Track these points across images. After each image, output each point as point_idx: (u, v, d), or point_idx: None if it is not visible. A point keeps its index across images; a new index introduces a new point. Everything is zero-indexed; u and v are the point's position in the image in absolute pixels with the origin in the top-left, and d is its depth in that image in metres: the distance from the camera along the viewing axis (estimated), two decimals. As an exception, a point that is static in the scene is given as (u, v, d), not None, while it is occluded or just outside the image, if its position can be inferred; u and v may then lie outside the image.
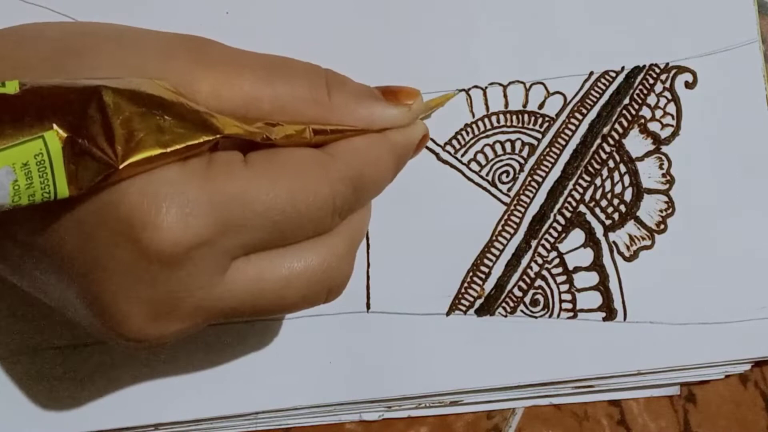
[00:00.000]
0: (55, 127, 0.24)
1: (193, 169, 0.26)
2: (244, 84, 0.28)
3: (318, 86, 0.29)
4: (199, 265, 0.26)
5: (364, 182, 0.29)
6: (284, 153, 0.28)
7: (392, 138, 0.31)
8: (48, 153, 0.23)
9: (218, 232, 0.26)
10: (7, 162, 0.23)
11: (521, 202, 0.38)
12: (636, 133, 0.39)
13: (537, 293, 0.38)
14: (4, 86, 0.24)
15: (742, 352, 0.38)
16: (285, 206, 0.27)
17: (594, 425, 0.40)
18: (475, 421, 0.40)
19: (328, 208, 0.28)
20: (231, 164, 0.27)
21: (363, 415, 0.39)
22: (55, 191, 0.24)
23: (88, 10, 0.37)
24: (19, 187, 0.23)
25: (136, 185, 0.25)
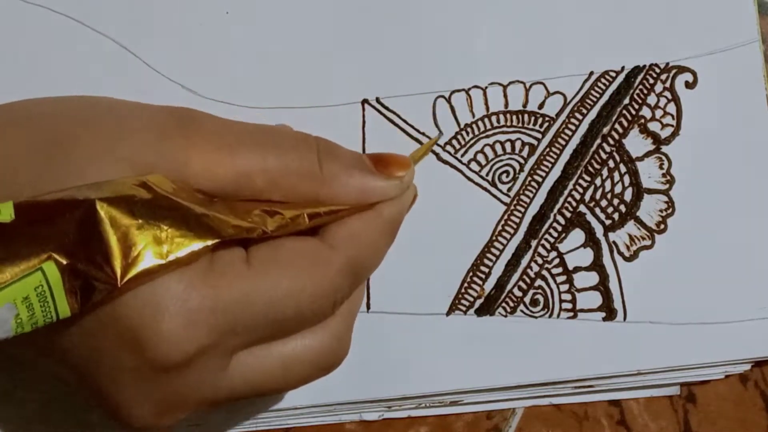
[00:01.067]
0: (53, 255, 0.24)
1: (193, 275, 0.26)
2: (236, 161, 0.28)
3: (309, 158, 0.29)
4: (202, 368, 0.27)
5: (363, 268, 0.30)
6: (286, 248, 0.28)
7: (386, 214, 0.31)
8: (48, 283, 0.24)
9: (221, 337, 0.26)
10: (8, 299, 0.23)
11: (521, 202, 0.38)
12: (636, 133, 0.39)
13: (537, 293, 0.38)
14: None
15: (742, 352, 0.38)
16: (287, 306, 0.27)
17: (594, 425, 0.40)
18: (475, 421, 0.40)
19: (330, 301, 0.28)
20: (233, 265, 0.27)
21: (363, 415, 0.39)
22: (57, 314, 0.24)
23: (88, 10, 0.37)
24: (21, 319, 0.24)
25: (138, 297, 0.25)
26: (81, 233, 0.24)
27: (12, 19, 0.37)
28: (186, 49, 0.37)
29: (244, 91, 0.38)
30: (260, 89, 0.38)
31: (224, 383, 0.28)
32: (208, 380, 0.27)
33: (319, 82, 0.38)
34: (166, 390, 0.27)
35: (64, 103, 0.29)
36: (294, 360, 0.29)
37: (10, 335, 0.24)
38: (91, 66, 0.37)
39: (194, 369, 0.26)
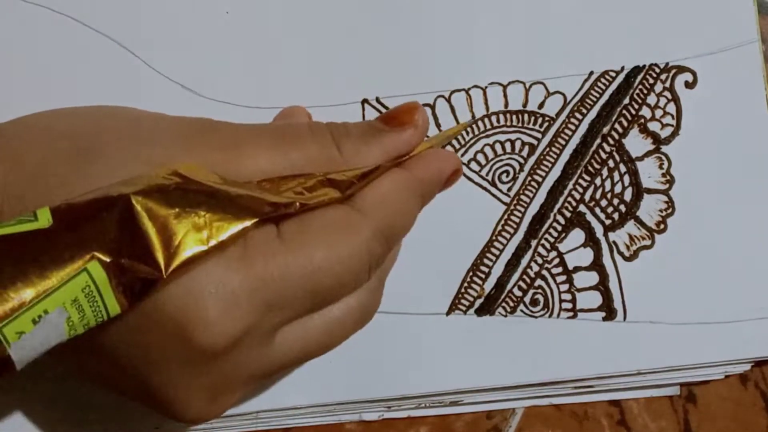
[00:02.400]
0: (95, 254, 0.24)
1: (230, 257, 0.26)
2: (259, 160, 0.28)
3: (326, 144, 0.30)
4: (247, 348, 0.27)
5: (395, 231, 0.30)
6: (316, 219, 0.28)
7: (418, 174, 0.31)
8: (94, 283, 0.24)
9: (263, 314, 0.27)
10: (58, 303, 0.23)
11: (521, 201, 0.38)
12: (636, 133, 0.39)
13: (537, 293, 0.38)
14: (36, 219, 0.24)
15: (742, 352, 0.38)
16: (324, 277, 0.28)
17: (594, 425, 0.40)
18: (475, 421, 0.40)
19: (365, 267, 0.29)
20: (266, 244, 0.27)
21: (363, 415, 0.39)
22: (108, 312, 0.24)
23: (88, 10, 0.37)
24: (73, 322, 0.24)
25: (180, 286, 0.25)
26: (120, 229, 0.24)
27: (12, 19, 0.37)
28: (186, 49, 0.37)
29: (244, 91, 0.38)
30: (260, 89, 0.38)
31: (271, 357, 0.28)
32: (255, 358, 0.27)
33: (319, 82, 0.38)
34: (216, 375, 0.27)
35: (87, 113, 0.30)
36: (334, 322, 0.29)
37: (64, 339, 0.24)
38: (91, 66, 0.37)
39: (241, 350, 0.27)
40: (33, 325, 0.23)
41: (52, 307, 0.23)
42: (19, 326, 0.23)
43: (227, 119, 0.30)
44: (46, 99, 0.37)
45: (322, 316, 0.29)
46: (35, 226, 0.23)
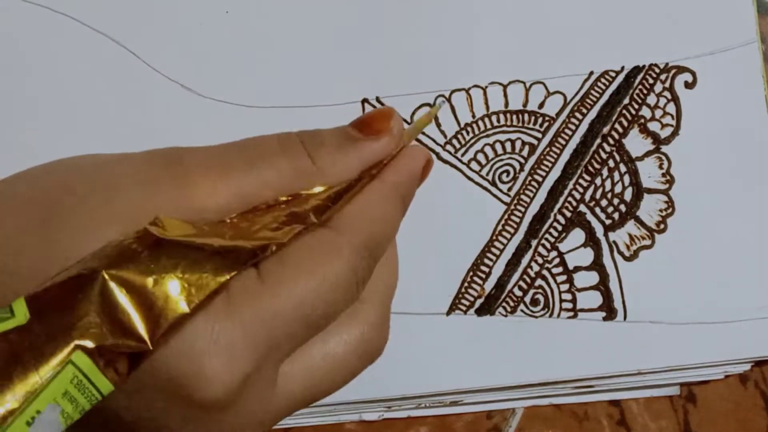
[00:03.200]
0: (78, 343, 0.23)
1: (216, 311, 0.26)
2: (231, 183, 0.28)
3: (298, 155, 0.29)
4: (251, 394, 0.27)
5: (376, 240, 0.29)
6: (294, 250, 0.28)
7: (390, 179, 0.30)
8: (82, 372, 0.23)
9: (260, 357, 0.26)
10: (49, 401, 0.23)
11: (521, 201, 0.38)
12: (636, 133, 0.39)
13: (537, 293, 0.38)
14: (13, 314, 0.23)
15: (742, 352, 0.38)
16: (312, 303, 0.27)
17: (594, 425, 0.40)
18: (475, 421, 0.40)
19: (351, 284, 0.28)
20: (249, 289, 0.26)
21: (363, 415, 0.39)
22: (101, 393, 0.24)
23: (88, 10, 0.37)
24: (67, 413, 0.24)
25: (172, 349, 0.25)
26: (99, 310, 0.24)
27: (12, 19, 0.37)
28: (186, 49, 0.37)
29: (244, 91, 0.38)
30: (260, 89, 0.38)
31: (277, 401, 0.28)
32: (261, 404, 0.27)
33: (319, 82, 0.38)
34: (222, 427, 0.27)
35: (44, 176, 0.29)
36: (337, 359, 0.29)
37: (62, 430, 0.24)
38: (91, 66, 0.37)
39: (244, 398, 0.26)
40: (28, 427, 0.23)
41: (44, 405, 0.23)
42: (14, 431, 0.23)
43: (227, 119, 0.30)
44: (46, 99, 0.37)
45: (322, 351, 0.29)
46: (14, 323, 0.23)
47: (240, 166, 0.28)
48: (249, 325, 0.26)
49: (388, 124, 0.30)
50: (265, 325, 0.26)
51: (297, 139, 0.29)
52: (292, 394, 0.28)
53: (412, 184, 0.32)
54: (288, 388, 0.28)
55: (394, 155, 0.31)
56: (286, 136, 0.30)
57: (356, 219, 0.29)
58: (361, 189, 0.29)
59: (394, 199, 0.30)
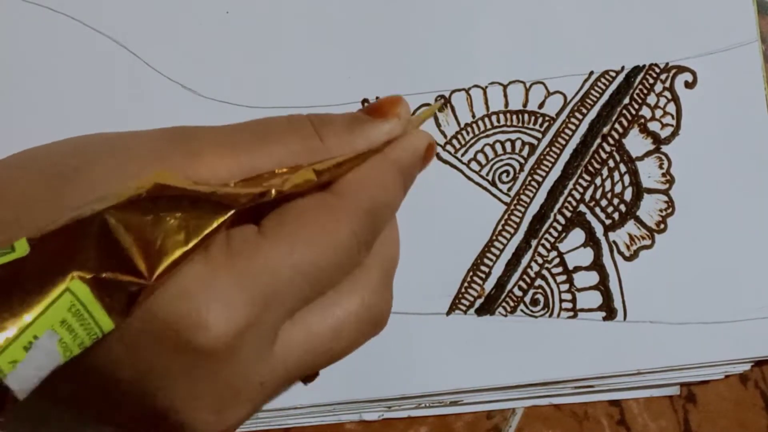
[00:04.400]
0: (76, 273, 0.24)
1: (216, 256, 0.26)
2: (240, 159, 0.28)
3: (308, 135, 0.29)
4: (250, 348, 0.26)
5: (378, 208, 0.30)
6: (293, 209, 0.28)
7: (393, 155, 0.31)
8: (80, 301, 0.24)
9: (258, 311, 0.26)
10: (47, 326, 0.23)
11: (521, 201, 0.38)
12: (636, 133, 0.39)
13: (537, 293, 0.38)
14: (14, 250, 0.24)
15: (742, 352, 0.38)
16: (311, 261, 0.27)
17: (594, 425, 0.40)
18: (475, 421, 0.40)
19: (353, 246, 0.28)
20: (248, 240, 0.27)
21: (363, 415, 0.39)
22: (101, 329, 0.24)
23: (88, 10, 0.37)
24: (66, 343, 0.24)
25: (171, 291, 0.25)
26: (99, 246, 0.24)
27: (12, 19, 0.37)
28: (186, 49, 0.37)
29: (244, 91, 0.38)
30: (260, 89, 0.38)
31: (277, 361, 0.27)
32: (259, 362, 0.27)
33: (319, 82, 0.38)
34: (221, 382, 0.26)
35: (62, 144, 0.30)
36: (338, 323, 0.29)
37: (60, 361, 0.24)
38: (91, 66, 0.37)
39: (242, 350, 0.26)
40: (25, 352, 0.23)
41: (41, 331, 0.23)
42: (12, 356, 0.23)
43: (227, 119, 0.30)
44: (46, 99, 0.37)
45: (324, 316, 0.29)
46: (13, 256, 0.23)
47: (250, 143, 0.29)
48: (248, 276, 0.26)
49: (396, 108, 0.31)
50: (263, 278, 0.26)
51: (306, 120, 0.30)
52: (292, 357, 0.28)
53: (413, 163, 0.32)
54: (287, 350, 0.28)
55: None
56: (296, 116, 0.30)
57: (357, 185, 0.29)
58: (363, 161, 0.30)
59: (395, 173, 0.31)
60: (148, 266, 0.24)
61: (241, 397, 0.27)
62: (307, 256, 0.27)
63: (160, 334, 0.25)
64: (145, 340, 0.25)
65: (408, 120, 0.31)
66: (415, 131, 0.32)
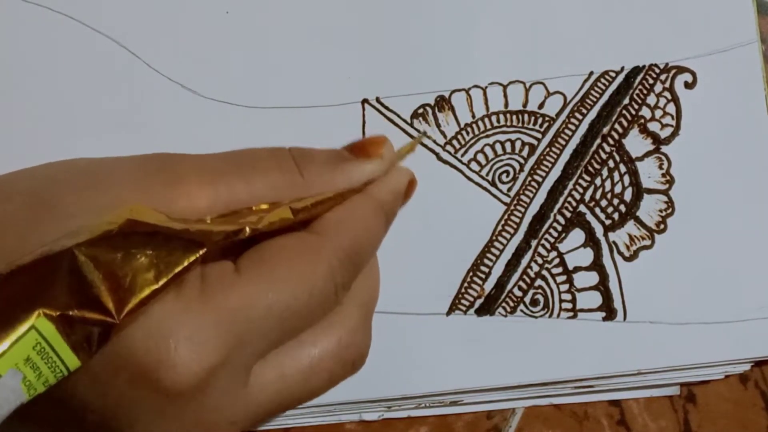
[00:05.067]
0: (42, 311, 0.23)
1: (189, 294, 0.26)
2: (218, 190, 0.28)
3: (289, 169, 0.29)
4: (220, 388, 0.26)
5: (358, 248, 0.29)
6: (272, 247, 0.28)
7: (375, 195, 0.31)
8: (45, 339, 0.23)
9: (230, 350, 0.26)
10: (10, 364, 0.23)
11: (521, 201, 0.38)
12: (636, 133, 0.39)
13: (537, 293, 0.38)
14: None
15: (742, 352, 0.38)
16: (288, 302, 0.27)
17: (594, 425, 0.40)
18: (475, 421, 0.40)
19: (330, 289, 0.28)
20: (224, 277, 0.26)
21: (363, 415, 0.39)
22: (66, 367, 0.24)
23: (88, 10, 0.37)
24: (30, 381, 0.23)
25: (140, 329, 0.25)
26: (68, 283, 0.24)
27: (12, 19, 0.37)
28: (186, 49, 0.37)
29: (244, 91, 0.37)
30: (260, 89, 0.38)
31: (247, 401, 0.27)
32: (229, 401, 0.26)
33: (319, 82, 0.38)
34: (189, 420, 0.26)
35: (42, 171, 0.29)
36: (313, 363, 0.28)
37: (24, 399, 0.24)
38: (90, 66, 0.37)
39: (212, 390, 0.26)
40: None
41: (4, 369, 0.23)
42: None
43: (228, 120, 0.30)
44: (46, 99, 0.37)
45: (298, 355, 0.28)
46: None
47: (231, 175, 0.28)
48: (221, 314, 0.26)
49: (380, 149, 0.31)
50: (237, 317, 0.26)
51: (288, 154, 0.30)
52: (264, 397, 0.27)
53: (395, 201, 0.32)
54: (259, 390, 0.27)
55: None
56: (278, 149, 0.30)
57: (338, 225, 0.29)
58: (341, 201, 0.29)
59: (377, 213, 0.30)
60: (116, 304, 0.24)
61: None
62: (282, 297, 0.26)
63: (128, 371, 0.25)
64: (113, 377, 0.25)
65: (391, 161, 0.31)
66: (396, 169, 0.32)
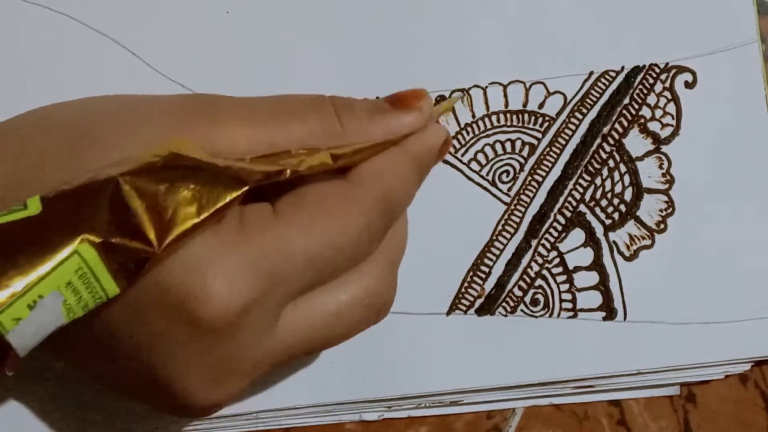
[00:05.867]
0: (86, 236, 0.24)
1: (227, 231, 0.26)
2: (259, 132, 0.28)
3: (328, 116, 0.29)
4: (251, 326, 0.26)
5: (393, 201, 0.29)
6: (310, 193, 0.28)
7: (411, 148, 0.31)
8: (87, 264, 0.24)
9: (264, 289, 0.26)
10: (52, 287, 0.23)
11: (521, 201, 0.38)
12: (636, 133, 0.39)
13: (537, 293, 0.38)
14: (26, 208, 0.24)
15: (742, 351, 0.38)
16: (322, 248, 0.27)
17: (594, 425, 0.40)
18: (475, 421, 0.40)
19: (364, 238, 0.28)
20: (262, 218, 0.27)
21: (363, 415, 0.39)
22: (106, 293, 0.24)
23: (88, 10, 0.37)
24: (70, 305, 0.24)
25: (178, 261, 0.25)
26: (111, 211, 0.24)
27: (12, 19, 0.37)
28: (186, 49, 0.37)
29: (244, 91, 0.37)
30: (260, 89, 0.37)
31: (276, 341, 0.27)
32: (259, 339, 0.27)
33: (320, 82, 0.38)
34: (220, 355, 0.26)
35: (84, 103, 0.29)
36: (340, 308, 0.29)
37: (63, 322, 0.24)
38: (91, 66, 0.37)
39: (244, 327, 0.26)
40: (29, 310, 0.23)
41: (47, 291, 0.23)
42: (16, 313, 0.23)
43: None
44: (46, 99, 0.37)
45: (327, 299, 0.28)
46: (24, 214, 0.24)
47: (271, 118, 0.28)
48: (257, 253, 0.26)
49: (419, 102, 0.31)
50: (272, 257, 0.26)
51: (328, 102, 0.30)
52: (292, 339, 0.28)
53: (429, 157, 0.32)
54: (288, 332, 0.28)
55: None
56: (318, 97, 0.30)
57: (376, 176, 0.29)
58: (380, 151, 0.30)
59: (411, 165, 0.31)
60: (157, 235, 0.24)
61: (239, 373, 0.27)
62: (318, 243, 0.27)
63: (164, 301, 0.25)
64: (148, 308, 0.25)
65: (429, 114, 0.31)
66: (432, 125, 0.32)
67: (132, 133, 0.27)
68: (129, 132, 0.27)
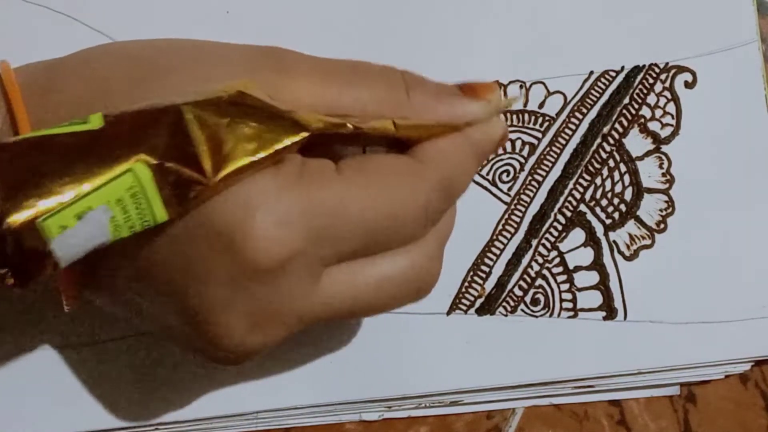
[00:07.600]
0: (142, 156, 0.24)
1: (286, 176, 0.26)
2: (326, 91, 0.28)
3: (397, 87, 0.29)
4: (295, 276, 0.26)
5: (453, 186, 0.29)
6: (376, 160, 0.28)
7: (474, 137, 0.30)
8: (140, 184, 0.24)
9: (313, 242, 0.26)
10: (102, 201, 0.23)
11: (522, 201, 0.38)
12: (636, 133, 0.39)
13: (537, 292, 0.38)
14: (87, 122, 0.24)
15: (742, 351, 0.38)
16: (379, 216, 0.27)
17: (594, 425, 0.40)
18: (475, 421, 0.39)
19: (422, 217, 0.28)
20: (323, 172, 0.26)
21: (363, 415, 0.39)
22: (154, 217, 0.24)
23: (89, 10, 0.37)
24: (118, 222, 0.24)
25: (231, 197, 0.25)
26: (170, 136, 0.24)
27: (12, 19, 0.37)
28: (186, 49, 0.37)
29: (244, 90, 0.38)
30: (260, 89, 0.38)
31: (317, 297, 0.27)
32: (300, 291, 0.26)
33: (320, 81, 0.38)
34: (260, 299, 0.26)
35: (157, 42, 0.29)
36: (384, 278, 0.28)
37: (108, 239, 0.24)
38: (91, 65, 0.37)
39: (286, 276, 0.26)
40: (76, 220, 0.23)
41: (96, 204, 0.23)
42: (62, 220, 0.23)
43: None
44: (46, 98, 0.37)
45: (372, 267, 0.28)
46: (86, 127, 0.24)
47: (340, 79, 0.28)
48: (313, 204, 0.26)
49: (488, 94, 0.31)
50: (327, 212, 0.26)
51: (399, 74, 0.30)
52: (332, 299, 0.27)
53: (489, 149, 0.31)
54: (329, 292, 0.27)
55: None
56: (389, 68, 0.30)
57: (440, 157, 0.29)
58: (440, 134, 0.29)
59: (472, 154, 0.30)
60: (213, 166, 0.24)
61: (276, 321, 0.27)
62: (375, 210, 0.26)
63: (211, 236, 0.25)
64: (196, 238, 0.25)
65: (495, 108, 0.31)
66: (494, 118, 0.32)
67: (199, 72, 0.26)
68: (196, 70, 0.27)
